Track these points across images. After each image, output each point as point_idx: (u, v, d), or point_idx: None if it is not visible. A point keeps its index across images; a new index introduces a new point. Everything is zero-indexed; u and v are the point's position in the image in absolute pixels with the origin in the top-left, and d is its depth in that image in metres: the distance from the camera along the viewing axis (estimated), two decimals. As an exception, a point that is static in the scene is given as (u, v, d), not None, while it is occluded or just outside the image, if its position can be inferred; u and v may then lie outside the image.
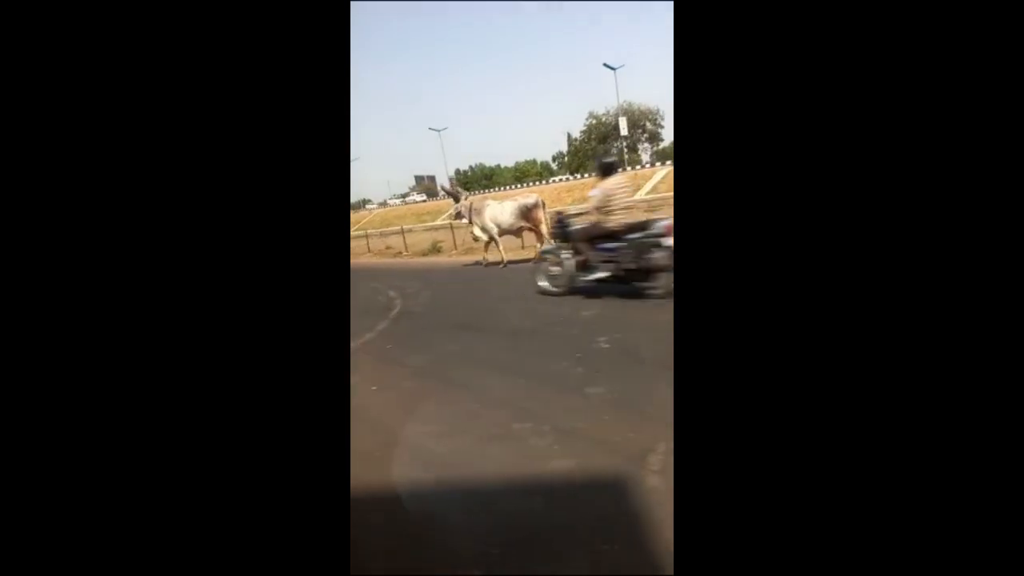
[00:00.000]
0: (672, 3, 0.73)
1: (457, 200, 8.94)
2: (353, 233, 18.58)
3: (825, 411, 0.65)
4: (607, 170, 4.83)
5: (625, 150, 31.93)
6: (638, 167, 23.05)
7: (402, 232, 14.00)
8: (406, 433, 2.51)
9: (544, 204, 8.18)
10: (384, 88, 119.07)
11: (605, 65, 26.32)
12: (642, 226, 4.53)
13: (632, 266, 4.51)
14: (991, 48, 0.61)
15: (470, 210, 8.56)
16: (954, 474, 0.62)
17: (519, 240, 8.20)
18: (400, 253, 13.43)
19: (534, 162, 51.87)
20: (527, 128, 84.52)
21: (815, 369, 0.65)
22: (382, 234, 18.12)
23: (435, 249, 12.30)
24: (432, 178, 54.99)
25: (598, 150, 36.35)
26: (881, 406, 0.64)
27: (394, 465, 2.21)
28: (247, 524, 0.70)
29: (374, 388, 3.21)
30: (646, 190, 15.55)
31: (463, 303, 5.83)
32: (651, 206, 9.14)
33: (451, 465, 2.14)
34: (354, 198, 54.37)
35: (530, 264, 7.66)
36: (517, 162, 52.85)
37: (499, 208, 8.27)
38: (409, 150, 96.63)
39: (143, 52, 0.70)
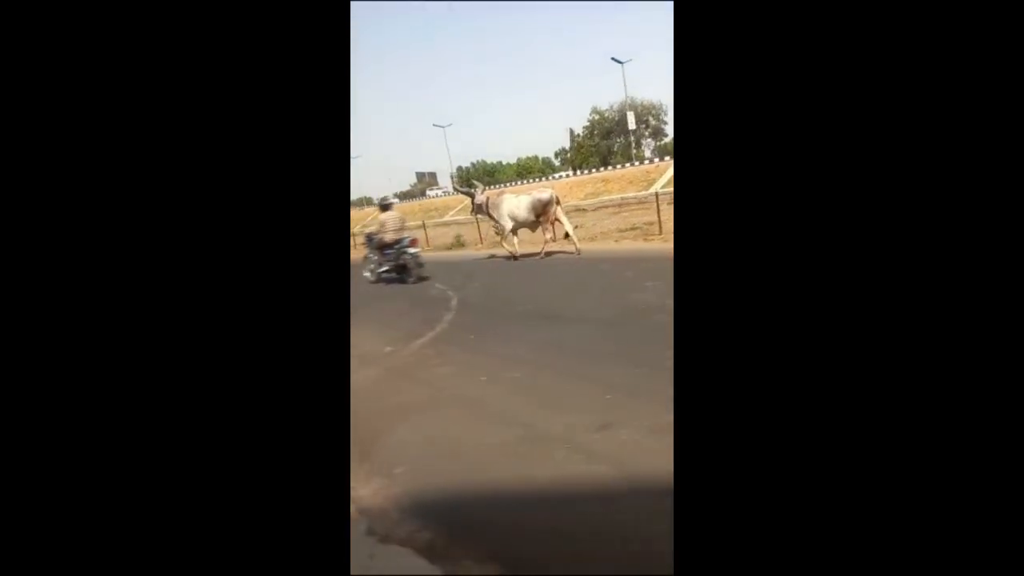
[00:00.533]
0: (672, 3, 0.73)
1: (473, 197, 8.88)
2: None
3: (825, 411, 0.65)
4: (384, 208, 8.06)
5: (633, 144, 31.78)
6: (641, 163, 22.80)
7: (423, 227, 13.90)
8: (553, 427, 2.31)
9: (559, 199, 8.04)
10: (383, 85, 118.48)
11: (613, 59, 26.37)
12: (398, 241, 7.41)
13: (396, 264, 7.46)
14: (991, 48, 0.61)
15: (487, 204, 8.44)
16: (954, 474, 0.62)
17: (550, 232, 8.09)
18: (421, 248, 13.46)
19: (536, 158, 51.68)
20: (529, 125, 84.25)
21: (815, 369, 0.65)
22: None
23: (459, 243, 12.20)
24: (433, 175, 54.77)
25: (601, 146, 36.26)
26: (881, 405, 0.63)
27: (549, 461, 2.02)
28: (247, 524, 0.70)
29: (483, 378, 3.02)
30: (660, 183, 15.40)
31: (518, 293, 5.65)
32: (669, 200, 9.07)
33: (627, 462, 1.95)
34: (355, 196, 54.16)
35: (574, 256, 7.53)
36: (519, 158, 52.65)
37: (515, 202, 8.27)
38: (409, 148, 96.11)
39: (143, 49, 0.70)
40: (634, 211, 11.76)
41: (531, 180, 32.34)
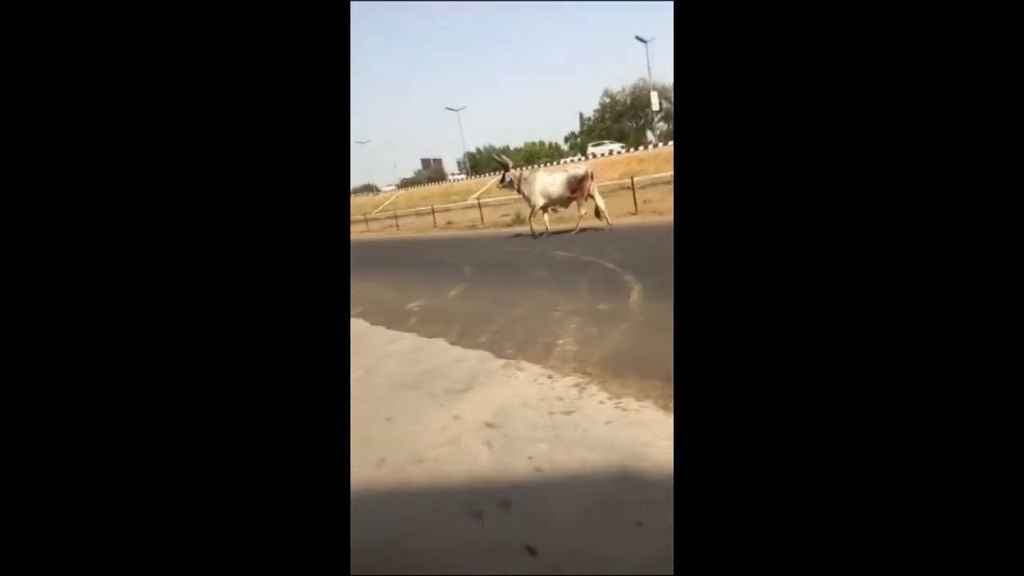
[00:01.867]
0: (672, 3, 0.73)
1: (507, 170, 9.04)
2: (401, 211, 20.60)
3: (825, 410, 0.64)
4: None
5: (663, 125, 31.28)
6: (655, 146, 22.45)
7: (442, 209, 13.92)
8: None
9: (592, 175, 8.02)
10: (389, 70, 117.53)
11: (637, 38, 26.01)
12: None
13: None
14: (991, 48, 0.61)
15: (519, 180, 8.45)
16: (954, 472, 0.61)
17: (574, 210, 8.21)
18: (474, 226, 14.29)
19: (543, 143, 51.32)
20: (538, 109, 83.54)
21: (816, 368, 0.65)
22: (418, 213, 20.19)
23: (517, 220, 12.58)
24: (439, 161, 54.53)
25: (612, 129, 35.87)
26: (882, 405, 0.63)
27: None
28: (247, 524, 0.69)
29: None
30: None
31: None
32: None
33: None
34: (360, 182, 54.02)
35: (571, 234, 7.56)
36: (526, 143, 52.30)
37: (549, 179, 8.32)
38: (411, 133, 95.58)
39: (143, 40, 0.70)
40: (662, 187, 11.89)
41: (540, 165, 32.13)
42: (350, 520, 0.76)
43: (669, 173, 14.48)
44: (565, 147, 46.07)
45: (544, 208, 8.46)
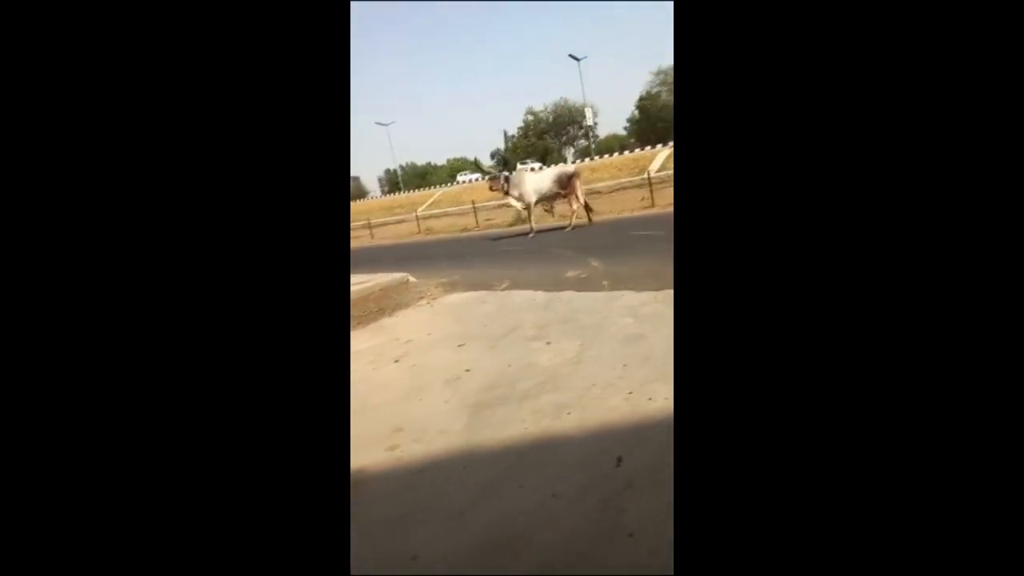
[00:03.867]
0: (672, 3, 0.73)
1: (497, 174, 9.63)
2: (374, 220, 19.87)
3: (826, 410, 0.64)
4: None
5: (592, 139, 32.58)
6: (571, 162, 23.65)
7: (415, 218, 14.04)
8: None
9: (580, 174, 8.86)
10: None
11: (571, 56, 26.50)
12: None
13: None
14: (991, 48, 0.61)
15: (508, 181, 9.05)
16: (954, 473, 0.61)
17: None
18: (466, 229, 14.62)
19: (465, 160, 52.18)
20: (463, 126, 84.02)
21: (816, 367, 0.65)
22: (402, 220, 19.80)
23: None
24: (356, 179, 53.67)
25: (537, 146, 37.40)
26: (882, 405, 0.63)
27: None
28: (247, 524, 0.69)
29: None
30: (654, 169, 16.59)
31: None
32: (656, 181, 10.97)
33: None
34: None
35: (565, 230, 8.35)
36: (449, 159, 52.90)
37: (539, 176, 8.94)
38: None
39: (143, 40, 0.71)
40: (630, 191, 13.28)
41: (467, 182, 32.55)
42: (350, 520, 0.77)
43: (614, 181, 15.94)
44: (491, 163, 47.04)
45: (535, 204, 8.99)
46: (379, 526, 1.41)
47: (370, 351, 3.04)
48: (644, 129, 33.75)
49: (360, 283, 4.43)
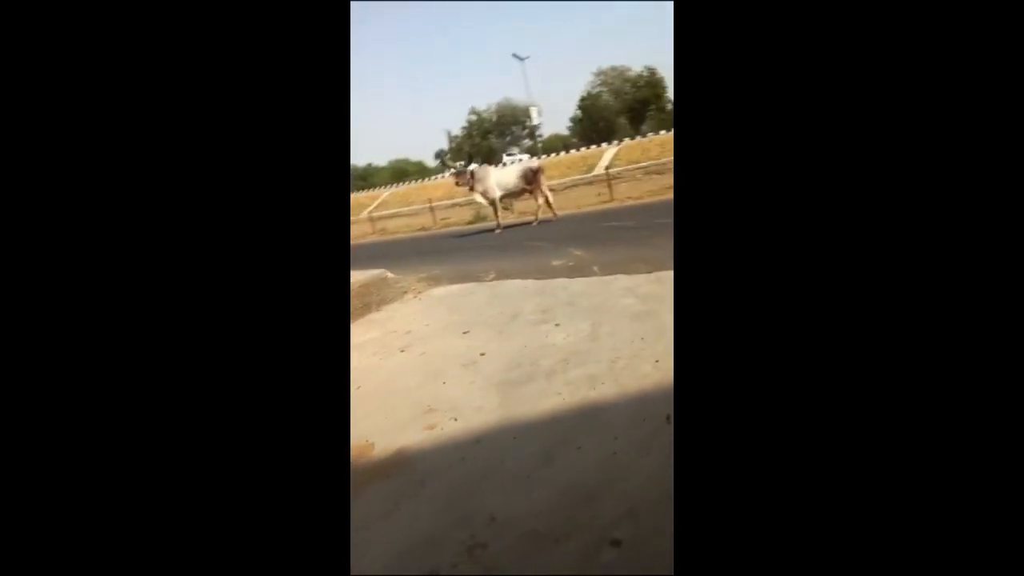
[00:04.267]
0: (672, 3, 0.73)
1: (459, 170, 9.68)
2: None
3: (827, 410, 0.64)
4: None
5: (539, 138, 32.81)
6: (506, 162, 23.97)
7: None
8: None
9: (543, 169, 9.07)
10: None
11: (514, 56, 26.82)
12: None
13: None
14: (991, 48, 0.61)
15: (472, 177, 9.08)
16: (955, 474, 0.61)
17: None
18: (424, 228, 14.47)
19: (408, 161, 51.47)
20: (405, 127, 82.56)
21: (817, 367, 0.65)
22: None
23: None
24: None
25: (482, 146, 37.49)
26: (883, 404, 0.63)
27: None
28: (247, 523, 0.69)
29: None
30: (601, 166, 17.04)
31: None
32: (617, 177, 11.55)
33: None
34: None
35: (531, 225, 8.51)
36: (390, 161, 52.02)
37: (503, 172, 9.07)
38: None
39: (143, 36, 0.71)
40: (582, 187, 13.63)
41: (409, 183, 32.20)
42: (350, 520, 0.76)
43: (569, 179, 16.35)
44: (434, 165, 46.73)
45: (500, 200, 9.06)
46: (442, 494, 1.45)
47: (371, 343, 3.02)
48: (587, 128, 34.68)
49: (338, 280, 4.35)
